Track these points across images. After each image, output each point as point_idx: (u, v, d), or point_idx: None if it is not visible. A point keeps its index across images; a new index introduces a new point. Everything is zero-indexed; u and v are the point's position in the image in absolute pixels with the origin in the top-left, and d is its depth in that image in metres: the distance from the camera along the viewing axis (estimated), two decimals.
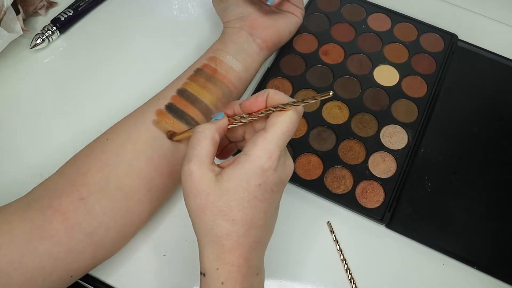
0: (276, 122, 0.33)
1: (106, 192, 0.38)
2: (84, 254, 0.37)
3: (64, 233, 0.36)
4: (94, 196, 0.37)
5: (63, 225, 0.36)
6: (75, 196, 0.37)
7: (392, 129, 0.50)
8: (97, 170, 0.39)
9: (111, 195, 0.38)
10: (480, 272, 0.44)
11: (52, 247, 0.35)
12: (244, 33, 0.49)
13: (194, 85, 0.45)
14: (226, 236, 0.33)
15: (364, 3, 0.60)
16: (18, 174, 0.47)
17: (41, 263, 0.35)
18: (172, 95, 0.44)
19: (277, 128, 0.33)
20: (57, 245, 0.35)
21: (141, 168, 0.40)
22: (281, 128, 0.33)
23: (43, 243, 0.35)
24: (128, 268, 0.43)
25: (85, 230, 0.37)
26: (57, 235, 0.35)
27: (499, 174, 0.49)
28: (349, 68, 0.55)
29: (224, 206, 0.33)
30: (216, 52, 0.48)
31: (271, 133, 0.33)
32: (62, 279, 0.37)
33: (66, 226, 0.36)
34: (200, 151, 0.34)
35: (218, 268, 0.33)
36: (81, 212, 0.37)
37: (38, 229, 0.35)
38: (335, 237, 0.45)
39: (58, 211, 0.36)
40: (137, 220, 0.40)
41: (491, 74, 0.56)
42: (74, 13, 0.57)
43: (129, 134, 0.41)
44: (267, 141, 0.32)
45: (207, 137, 0.34)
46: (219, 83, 0.46)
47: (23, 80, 0.54)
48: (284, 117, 0.33)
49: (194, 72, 0.46)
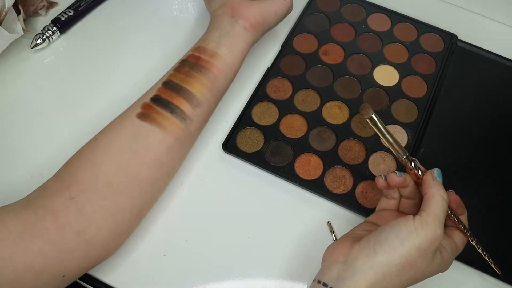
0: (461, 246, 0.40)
1: (95, 190, 0.38)
2: (75, 253, 0.37)
3: (55, 232, 0.36)
4: (83, 195, 0.38)
5: (53, 224, 0.36)
6: (65, 196, 0.37)
7: (392, 129, 0.50)
8: (86, 169, 0.39)
9: (100, 192, 0.38)
10: (480, 272, 0.44)
11: (43, 246, 0.35)
12: (226, 17, 0.49)
13: (179, 75, 0.45)
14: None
15: (364, 3, 0.60)
16: (18, 174, 0.47)
17: (32, 261, 0.35)
18: (157, 87, 0.44)
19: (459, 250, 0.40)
20: (48, 244, 0.36)
21: (127, 162, 0.40)
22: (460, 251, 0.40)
23: (34, 242, 0.35)
24: (128, 268, 0.43)
25: (76, 228, 0.37)
26: (48, 234, 0.36)
27: (499, 174, 0.49)
28: (349, 68, 0.55)
29: (419, 277, 0.37)
30: (200, 42, 0.48)
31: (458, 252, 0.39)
32: (55, 279, 0.37)
33: (56, 225, 0.36)
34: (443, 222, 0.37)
35: None
36: (71, 211, 0.37)
37: (30, 228, 0.35)
38: (335, 237, 0.45)
39: (49, 210, 0.36)
40: (129, 217, 0.40)
41: (491, 74, 0.56)
42: (74, 13, 0.57)
43: (115, 131, 0.42)
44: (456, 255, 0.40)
45: None
46: (204, 69, 0.46)
47: (23, 80, 0.54)
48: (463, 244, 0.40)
49: (179, 64, 0.46)
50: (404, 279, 0.36)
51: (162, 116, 0.42)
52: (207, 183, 0.48)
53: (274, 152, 0.49)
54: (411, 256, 0.35)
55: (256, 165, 0.48)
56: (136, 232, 0.43)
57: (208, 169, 0.48)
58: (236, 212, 0.46)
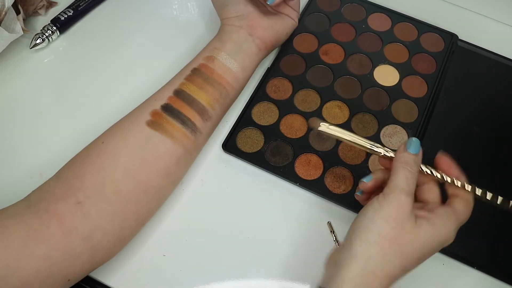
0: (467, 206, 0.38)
1: (102, 196, 0.38)
2: (81, 258, 0.37)
3: (61, 237, 0.36)
4: (90, 200, 0.37)
5: (60, 229, 0.36)
6: (71, 201, 0.37)
7: (392, 129, 0.50)
8: (93, 174, 0.39)
9: (107, 198, 0.38)
10: (480, 272, 0.44)
11: (49, 251, 0.35)
12: (243, 32, 0.49)
13: (191, 86, 0.45)
14: (389, 277, 0.34)
15: (364, 3, 0.60)
16: (18, 174, 0.47)
17: (38, 267, 0.34)
18: (168, 95, 0.44)
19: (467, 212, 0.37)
20: (54, 249, 0.35)
21: (136, 170, 0.40)
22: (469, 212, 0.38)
23: (39, 247, 0.35)
24: (128, 268, 0.43)
25: (82, 234, 0.37)
26: (54, 239, 0.35)
27: (499, 174, 0.49)
28: (349, 68, 0.55)
29: (409, 252, 0.34)
30: (214, 51, 0.48)
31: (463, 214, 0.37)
32: (60, 283, 0.36)
33: (63, 230, 0.36)
34: (412, 188, 0.36)
35: None
36: (77, 216, 0.37)
37: (34, 233, 0.35)
38: (335, 237, 0.45)
39: (55, 215, 0.36)
40: (135, 223, 0.40)
41: (491, 74, 0.56)
42: (74, 13, 0.57)
43: (124, 136, 0.41)
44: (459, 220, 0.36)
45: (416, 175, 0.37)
46: (216, 84, 0.46)
47: (23, 80, 0.54)
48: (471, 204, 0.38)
49: (191, 72, 0.46)
50: (392, 259, 0.34)
51: (173, 127, 0.42)
52: (207, 183, 0.48)
53: (274, 152, 0.49)
54: (383, 230, 0.34)
55: (256, 165, 0.48)
56: None
57: (208, 169, 0.48)
58: (236, 212, 0.46)
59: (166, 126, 0.42)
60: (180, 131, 0.42)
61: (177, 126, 0.43)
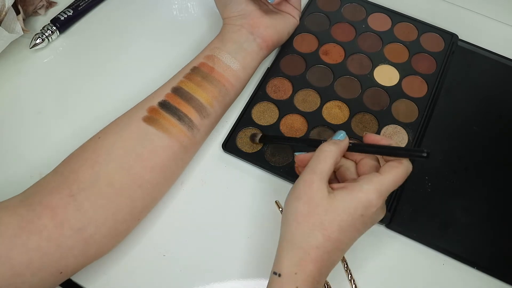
0: (393, 170, 0.37)
1: (96, 189, 0.38)
2: (73, 250, 0.37)
3: (53, 229, 0.36)
4: (84, 193, 0.38)
5: (52, 221, 0.36)
6: (65, 193, 0.37)
7: (393, 129, 0.50)
8: (87, 168, 0.39)
9: (101, 192, 0.38)
10: (480, 272, 0.44)
11: (41, 242, 0.35)
12: (244, 31, 0.49)
13: (190, 83, 0.45)
14: (316, 248, 0.35)
15: (364, 3, 0.60)
16: (18, 173, 0.47)
17: (29, 258, 0.35)
18: (166, 93, 0.44)
19: (392, 176, 0.36)
20: (46, 241, 0.35)
21: (131, 165, 0.40)
22: (396, 177, 0.37)
23: (31, 238, 0.35)
24: (128, 268, 0.43)
25: (74, 226, 0.37)
26: (46, 231, 0.36)
27: (499, 174, 0.49)
28: (349, 68, 0.55)
29: (327, 221, 0.35)
30: (214, 51, 0.48)
31: (387, 178, 0.36)
32: (52, 275, 0.37)
33: (55, 222, 0.36)
34: (324, 167, 0.37)
35: (296, 273, 0.35)
36: (70, 208, 0.37)
37: (27, 224, 0.35)
38: None
39: (48, 207, 0.36)
40: (129, 218, 0.40)
41: (491, 74, 0.56)
42: (73, 13, 0.57)
43: (120, 132, 0.41)
44: (382, 183, 0.36)
45: (333, 157, 0.38)
46: (216, 81, 0.46)
47: (23, 80, 0.54)
48: (401, 169, 0.37)
49: (190, 70, 0.46)
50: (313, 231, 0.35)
51: (169, 122, 0.42)
52: (207, 183, 0.47)
53: (274, 152, 0.49)
54: (297, 207, 0.36)
55: (256, 165, 0.48)
56: (136, 232, 0.43)
57: (208, 169, 0.48)
58: (236, 212, 0.46)
59: (162, 122, 0.42)
60: (176, 127, 0.43)
61: (173, 121, 0.43)
